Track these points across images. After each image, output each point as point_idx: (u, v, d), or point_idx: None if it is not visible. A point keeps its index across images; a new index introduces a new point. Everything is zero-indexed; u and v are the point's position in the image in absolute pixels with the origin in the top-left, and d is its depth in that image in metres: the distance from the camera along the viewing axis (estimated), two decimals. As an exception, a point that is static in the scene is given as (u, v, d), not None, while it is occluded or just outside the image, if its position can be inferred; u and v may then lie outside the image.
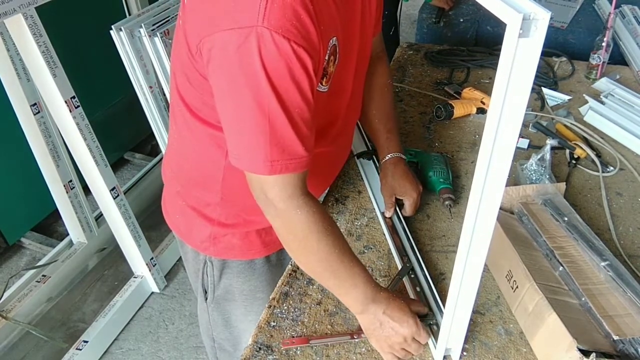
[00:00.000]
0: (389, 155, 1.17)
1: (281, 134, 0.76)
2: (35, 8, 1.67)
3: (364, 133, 1.39)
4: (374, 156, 1.31)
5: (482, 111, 1.51)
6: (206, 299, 1.17)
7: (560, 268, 0.94)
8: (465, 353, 0.89)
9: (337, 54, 0.86)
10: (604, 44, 1.63)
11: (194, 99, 0.90)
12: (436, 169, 1.23)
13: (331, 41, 0.82)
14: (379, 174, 1.26)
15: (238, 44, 0.71)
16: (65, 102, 1.77)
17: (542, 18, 0.50)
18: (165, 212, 1.13)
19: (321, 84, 0.85)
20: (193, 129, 0.93)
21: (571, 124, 1.47)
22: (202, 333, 1.30)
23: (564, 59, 1.79)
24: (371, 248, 1.10)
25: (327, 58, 0.82)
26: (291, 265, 1.05)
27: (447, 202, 1.17)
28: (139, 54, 2.03)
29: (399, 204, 1.16)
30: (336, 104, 0.96)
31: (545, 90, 1.61)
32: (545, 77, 1.67)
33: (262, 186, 0.82)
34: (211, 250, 1.07)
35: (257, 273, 1.12)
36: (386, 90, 1.21)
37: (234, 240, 1.04)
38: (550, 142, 1.29)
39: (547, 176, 1.19)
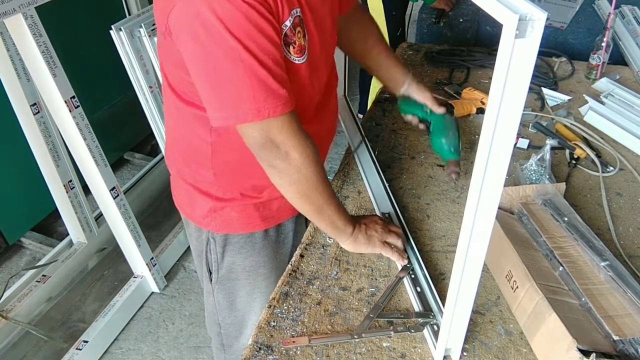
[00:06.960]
0: (407, 81, 1.25)
1: (259, 79, 0.81)
2: (35, 8, 1.67)
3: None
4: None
5: (482, 111, 1.51)
6: (211, 280, 1.20)
7: (560, 268, 0.94)
8: (465, 353, 0.89)
9: (304, 27, 0.90)
10: (603, 44, 1.63)
11: (179, 82, 0.95)
12: (449, 136, 1.21)
13: (294, 11, 0.86)
14: (378, 172, 1.26)
15: (195, 12, 0.76)
16: (65, 102, 1.77)
17: (539, 19, 0.50)
18: (173, 194, 1.18)
19: (289, 52, 0.88)
20: (181, 111, 1.00)
21: (571, 124, 1.47)
22: (208, 320, 1.33)
23: (563, 59, 1.79)
24: (371, 248, 1.10)
25: (289, 25, 0.85)
26: (291, 265, 1.06)
27: (453, 175, 1.18)
28: (139, 54, 2.03)
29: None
30: (316, 78, 1.00)
31: (545, 90, 1.61)
32: (545, 77, 1.67)
33: (268, 134, 0.86)
34: (212, 225, 1.11)
35: (258, 247, 1.16)
36: (376, 30, 1.24)
37: (233, 213, 1.09)
38: (550, 142, 1.29)
39: (547, 176, 1.19)
